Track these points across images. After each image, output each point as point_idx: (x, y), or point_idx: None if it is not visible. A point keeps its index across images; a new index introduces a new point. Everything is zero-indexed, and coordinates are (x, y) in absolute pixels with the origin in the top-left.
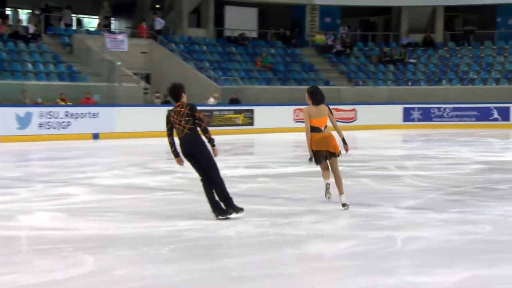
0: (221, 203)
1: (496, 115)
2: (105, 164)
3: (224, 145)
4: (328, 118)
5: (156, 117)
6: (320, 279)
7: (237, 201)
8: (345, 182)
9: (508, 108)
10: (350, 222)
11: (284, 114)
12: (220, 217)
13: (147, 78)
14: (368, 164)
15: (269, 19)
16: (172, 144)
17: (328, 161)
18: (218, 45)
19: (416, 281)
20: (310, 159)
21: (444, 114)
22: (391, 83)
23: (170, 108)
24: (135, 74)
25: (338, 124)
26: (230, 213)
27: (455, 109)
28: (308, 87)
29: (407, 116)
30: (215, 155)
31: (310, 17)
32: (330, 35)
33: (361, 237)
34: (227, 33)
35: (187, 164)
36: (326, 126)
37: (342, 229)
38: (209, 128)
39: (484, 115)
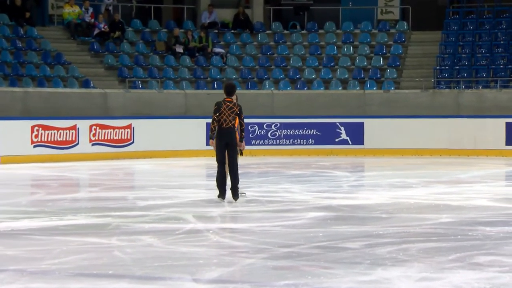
0: (230, 191)
1: (344, 136)
2: None
3: None
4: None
5: None
6: None
7: None
8: (116, 242)
9: (361, 124)
10: None
11: (18, 133)
12: (221, 199)
13: None
14: (152, 213)
15: None
16: (214, 129)
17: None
18: None
19: None
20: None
21: (269, 134)
22: (188, 85)
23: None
24: None
25: (107, 150)
26: (235, 200)
27: (284, 125)
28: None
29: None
30: (243, 148)
31: None
32: (87, 8)
33: None
34: None
35: None
36: None
37: None
38: None
39: (327, 136)
